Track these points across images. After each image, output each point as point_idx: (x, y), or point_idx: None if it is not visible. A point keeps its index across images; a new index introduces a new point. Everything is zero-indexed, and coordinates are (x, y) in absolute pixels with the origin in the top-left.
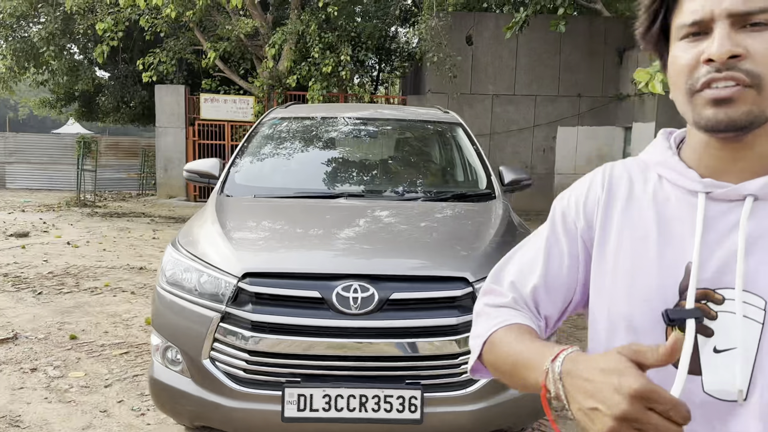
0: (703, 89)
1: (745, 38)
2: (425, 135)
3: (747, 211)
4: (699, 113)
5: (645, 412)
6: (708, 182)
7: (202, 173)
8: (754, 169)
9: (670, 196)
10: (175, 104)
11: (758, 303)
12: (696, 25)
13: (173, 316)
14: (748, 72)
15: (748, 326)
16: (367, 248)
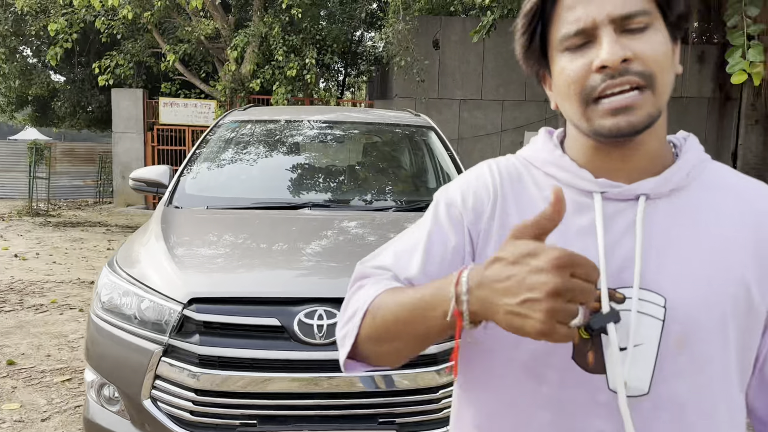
0: (600, 99)
1: (630, 42)
2: (395, 139)
3: (642, 210)
4: (599, 123)
5: (570, 279)
6: (603, 182)
7: (149, 182)
8: (643, 166)
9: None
10: (132, 109)
11: (658, 301)
12: (581, 34)
13: (109, 349)
14: (640, 74)
15: (648, 324)
16: (334, 266)
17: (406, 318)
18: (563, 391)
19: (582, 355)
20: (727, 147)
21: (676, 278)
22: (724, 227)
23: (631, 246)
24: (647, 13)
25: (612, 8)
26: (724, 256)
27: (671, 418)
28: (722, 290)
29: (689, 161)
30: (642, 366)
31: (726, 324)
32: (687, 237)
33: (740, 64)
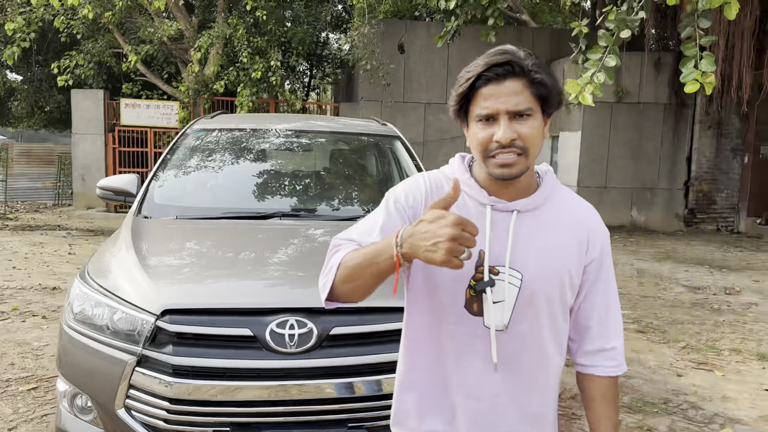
0: (494, 156)
1: (517, 125)
2: (363, 149)
3: (514, 219)
4: (492, 170)
5: (461, 232)
6: (493, 199)
7: (117, 190)
8: (518, 192)
9: (469, 204)
10: (93, 109)
11: (518, 275)
12: (488, 117)
13: (82, 359)
14: (520, 147)
15: (511, 289)
16: (304, 277)
17: (366, 262)
18: (458, 326)
19: (470, 306)
20: (682, 151)
21: (530, 263)
22: (561, 232)
23: (506, 240)
24: (530, 109)
25: (508, 106)
26: (559, 251)
27: (519, 344)
28: (556, 272)
29: (546, 189)
30: (504, 313)
31: (556, 292)
32: (539, 238)
33: (693, 74)
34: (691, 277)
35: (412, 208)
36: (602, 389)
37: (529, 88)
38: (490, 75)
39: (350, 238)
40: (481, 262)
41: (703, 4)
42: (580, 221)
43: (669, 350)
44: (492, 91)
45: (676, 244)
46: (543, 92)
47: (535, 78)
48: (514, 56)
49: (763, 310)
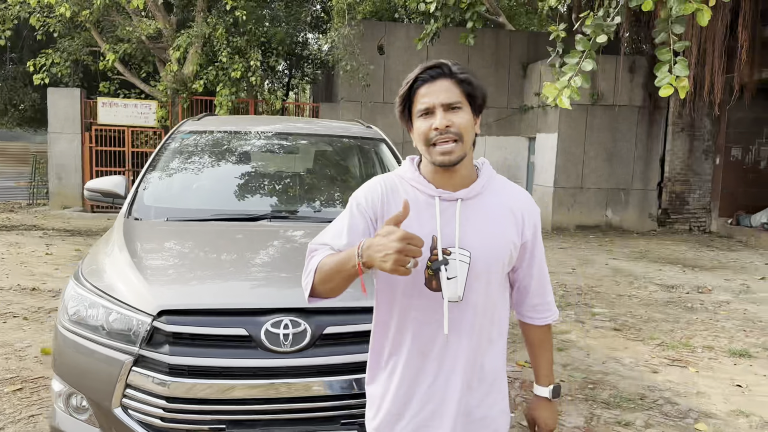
0: (435, 145)
1: (451, 116)
2: (349, 151)
3: (458, 207)
4: (434, 158)
5: (407, 246)
6: (440, 191)
7: (105, 192)
8: (460, 182)
9: (419, 197)
10: (69, 108)
11: (467, 254)
12: (426, 110)
13: (78, 360)
14: (454, 133)
15: (462, 266)
16: (297, 277)
17: (336, 269)
18: (420, 301)
19: (430, 283)
20: (656, 152)
21: (476, 242)
22: (500, 214)
23: (454, 225)
24: (460, 102)
25: (442, 99)
26: (499, 230)
27: (472, 312)
28: (498, 248)
29: (484, 178)
30: (459, 286)
31: (499, 265)
32: (482, 220)
33: (667, 78)
34: (664, 276)
35: (372, 209)
36: (540, 335)
37: (458, 87)
38: (425, 76)
39: (324, 242)
40: (435, 245)
41: (676, 11)
42: (515, 204)
43: (644, 347)
44: (427, 89)
45: (650, 244)
46: (469, 90)
47: (461, 77)
48: (442, 62)
49: (735, 308)
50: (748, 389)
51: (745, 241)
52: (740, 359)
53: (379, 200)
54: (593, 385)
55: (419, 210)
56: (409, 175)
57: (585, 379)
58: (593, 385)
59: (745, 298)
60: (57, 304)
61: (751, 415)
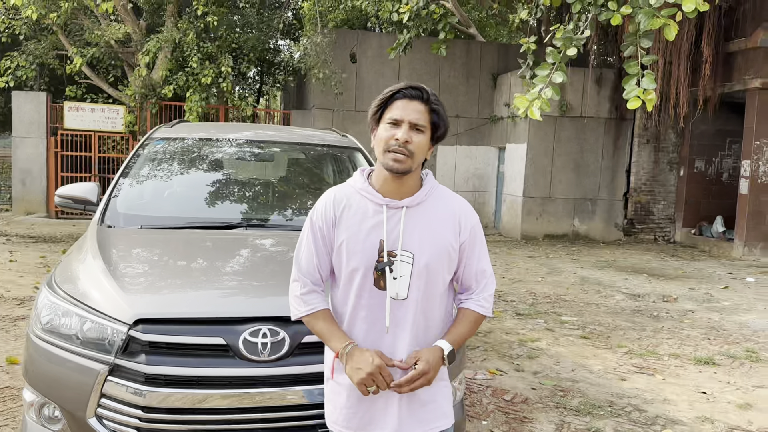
0: (391, 152)
1: (412, 134)
2: (324, 160)
3: (403, 214)
4: (386, 161)
5: (378, 373)
6: (387, 200)
7: (76, 199)
8: (407, 191)
9: (369, 206)
10: (35, 112)
11: (409, 255)
12: (394, 121)
13: (51, 369)
14: (409, 150)
15: (406, 266)
16: (275, 285)
17: (322, 337)
18: (371, 299)
19: (378, 283)
20: (622, 163)
21: (419, 245)
22: (440, 220)
23: (399, 230)
24: (424, 127)
25: (411, 118)
26: (441, 234)
27: (414, 309)
28: (438, 250)
29: (426, 188)
30: (403, 286)
31: (440, 265)
32: (424, 226)
33: (635, 91)
34: (630, 285)
35: (327, 222)
36: (468, 315)
37: (428, 114)
38: (407, 93)
39: (302, 271)
40: (381, 248)
41: (644, 25)
42: (453, 211)
43: (612, 355)
44: (403, 104)
45: (616, 253)
46: (435, 120)
47: (433, 107)
48: (424, 87)
49: (699, 316)
50: (713, 396)
51: (708, 250)
52: (705, 367)
53: (333, 212)
54: (563, 393)
55: (368, 216)
56: (359, 185)
57: (555, 387)
58: (563, 392)
59: (708, 307)
60: (22, 313)
61: (716, 422)
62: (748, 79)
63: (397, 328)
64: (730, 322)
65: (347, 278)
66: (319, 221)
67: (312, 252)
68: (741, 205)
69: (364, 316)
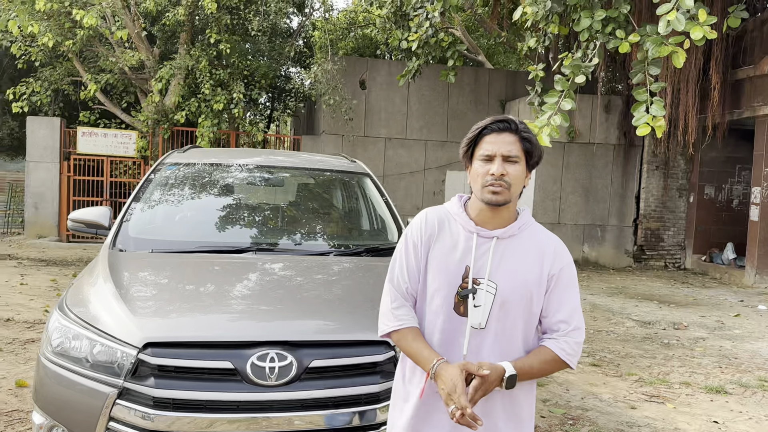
0: (488, 186)
1: (507, 166)
2: (334, 185)
3: (493, 244)
4: (483, 196)
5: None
6: (478, 228)
7: (89, 223)
8: (500, 222)
9: (461, 231)
10: (49, 137)
11: (493, 286)
12: (487, 156)
13: (61, 392)
14: (506, 182)
15: (488, 296)
16: (282, 310)
17: (412, 356)
18: (447, 323)
19: (458, 308)
20: (631, 189)
21: (504, 277)
22: (530, 255)
23: (487, 259)
24: (518, 157)
25: (503, 151)
26: (528, 269)
27: (491, 340)
28: (523, 285)
29: (520, 222)
30: (483, 315)
31: (523, 300)
32: (512, 258)
33: (644, 117)
34: (641, 312)
35: (421, 242)
36: (544, 353)
37: (519, 143)
38: (494, 127)
39: (394, 285)
40: (467, 274)
41: (652, 53)
42: (545, 249)
43: (623, 383)
44: (493, 139)
45: (626, 280)
46: (528, 147)
47: (523, 135)
48: (511, 118)
49: (710, 344)
50: (725, 425)
51: (719, 278)
52: (716, 395)
53: (426, 232)
54: (573, 421)
55: (459, 242)
56: (454, 210)
57: (565, 415)
58: (573, 420)
59: (720, 335)
60: (32, 336)
61: None
62: (756, 106)
63: (472, 357)
64: (741, 350)
65: (428, 298)
66: (414, 237)
67: (404, 267)
68: (752, 232)
69: (438, 340)
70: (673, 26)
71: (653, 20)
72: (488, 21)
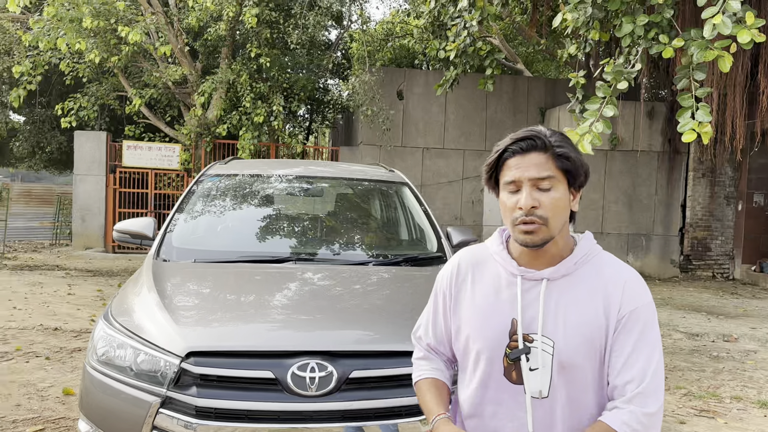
0: (519, 224)
1: (538, 195)
2: (373, 195)
3: (543, 288)
4: (517, 236)
5: None
6: (522, 270)
7: (134, 234)
8: (548, 260)
9: (502, 274)
10: (95, 151)
11: (550, 343)
12: (512, 183)
13: (105, 400)
14: (540, 216)
15: (546, 356)
16: (322, 320)
17: (422, 407)
18: (499, 393)
19: (509, 374)
20: (677, 198)
21: (561, 330)
22: (594, 298)
23: (537, 308)
24: (552, 177)
25: (530, 174)
26: (592, 315)
27: (560, 411)
28: (586, 338)
29: (577, 256)
30: (543, 380)
31: (588, 357)
32: (572, 304)
33: (690, 123)
34: (688, 323)
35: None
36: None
37: (553, 161)
38: (515, 148)
39: (416, 338)
40: (515, 330)
41: (697, 57)
42: (610, 286)
43: (671, 397)
44: (517, 162)
45: (673, 291)
46: (567, 165)
47: (558, 151)
48: (537, 133)
49: (763, 357)
50: None
51: None
52: None
53: (457, 286)
54: None
55: (500, 288)
56: (494, 248)
57: None
58: None
59: None
60: (79, 344)
61: None
62: None
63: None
64: None
65: (472, 363)
66: (443, 288)
67: (429, 324)
68: None
69: (491, 414)
70: (719, 30)
71: (698, 24)
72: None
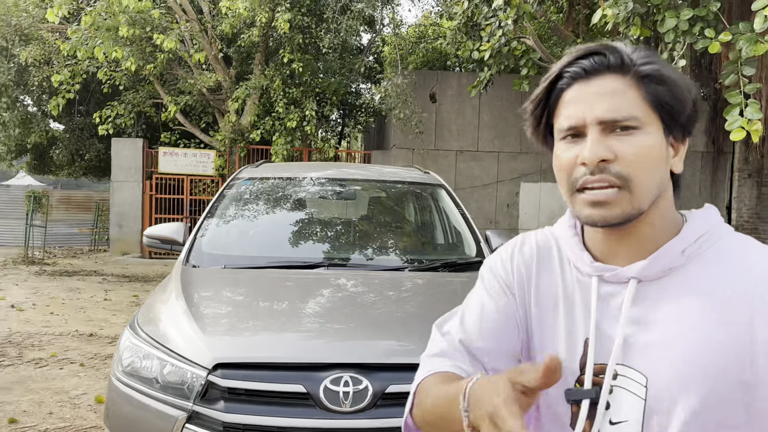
0: (582, 190)
1: (615, 142)
2: (407, 197)
3: (630, 293)
4: (579, 210)
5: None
6: (598, 266)
7: (164, 239)
8: (636, 250)
9: (570, 273)
10: (132, 158)
11: (640, 379)
12: (571, 129)
13: (130, 413)
14: (617, 174)
15: (631, 402)
16: (355, 330)
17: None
18: None
19: (573, 422)
20: (722, 199)
21: (660, 359)
22: (712, 306)
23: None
24: (636, 118)
25: (600, 112)
26: (708, 336)
27: None
28: (705, 371)
29: (687, 238)
30: None
31: (709, 402)
32: (674, 317)
33: (738, 121)
34: None
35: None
36: None
37: (637, 89)
38: (576, 70)
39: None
40: (585, 358)
41: (746, 52)
42: (746, 286)
43: None
44: (578, 93)
45: None
46: (661, 94)
47: (644, 71)
48: (610, 45)
49: None
50: None
51: None
52: None
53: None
54: None
55: (569, 293)
56: (562, 232)
57: None
58: None
59: None
60: (113, 351)
61: None
62: None
63: None
64: None
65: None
66: (498, 273)
67: (473, 309)
68: None
69: None
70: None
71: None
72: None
